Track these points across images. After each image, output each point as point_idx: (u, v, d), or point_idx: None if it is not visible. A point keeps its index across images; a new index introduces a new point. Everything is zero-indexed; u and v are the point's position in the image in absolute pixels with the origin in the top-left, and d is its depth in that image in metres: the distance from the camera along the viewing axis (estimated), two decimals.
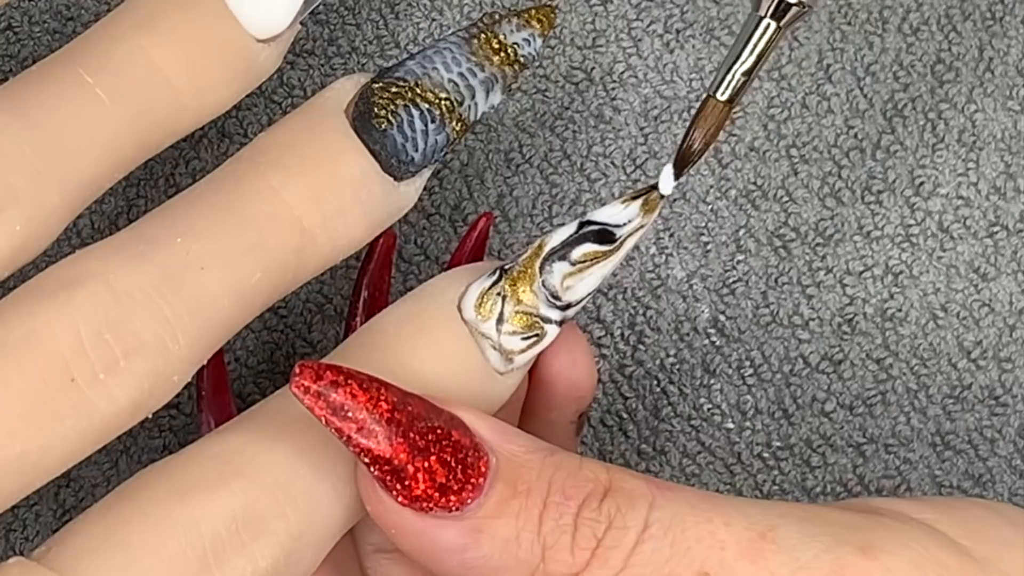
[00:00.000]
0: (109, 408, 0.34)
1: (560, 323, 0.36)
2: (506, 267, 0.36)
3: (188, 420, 0.43)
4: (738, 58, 0.36)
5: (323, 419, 0.32)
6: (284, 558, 0.33)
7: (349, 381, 0.32)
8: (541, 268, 0.36)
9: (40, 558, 0.33)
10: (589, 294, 0.36)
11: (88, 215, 0.43)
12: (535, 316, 0.36)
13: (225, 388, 0.40)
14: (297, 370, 0.32)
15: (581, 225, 0.36)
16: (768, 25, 0.36)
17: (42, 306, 0.34)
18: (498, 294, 0.36)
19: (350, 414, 0.32)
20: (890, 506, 0.35)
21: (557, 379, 0.39)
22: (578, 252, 0.36)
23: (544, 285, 0.36)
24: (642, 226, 0.36)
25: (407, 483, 0.32)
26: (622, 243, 0.36)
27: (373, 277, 0.40)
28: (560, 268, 0.36)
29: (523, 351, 0.36)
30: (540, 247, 0.36)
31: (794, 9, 0.36)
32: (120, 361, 0.34)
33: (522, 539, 0.33)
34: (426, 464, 0.32)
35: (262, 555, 0.33)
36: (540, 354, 0.37)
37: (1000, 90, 0.45)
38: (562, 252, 0.36)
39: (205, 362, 0.35)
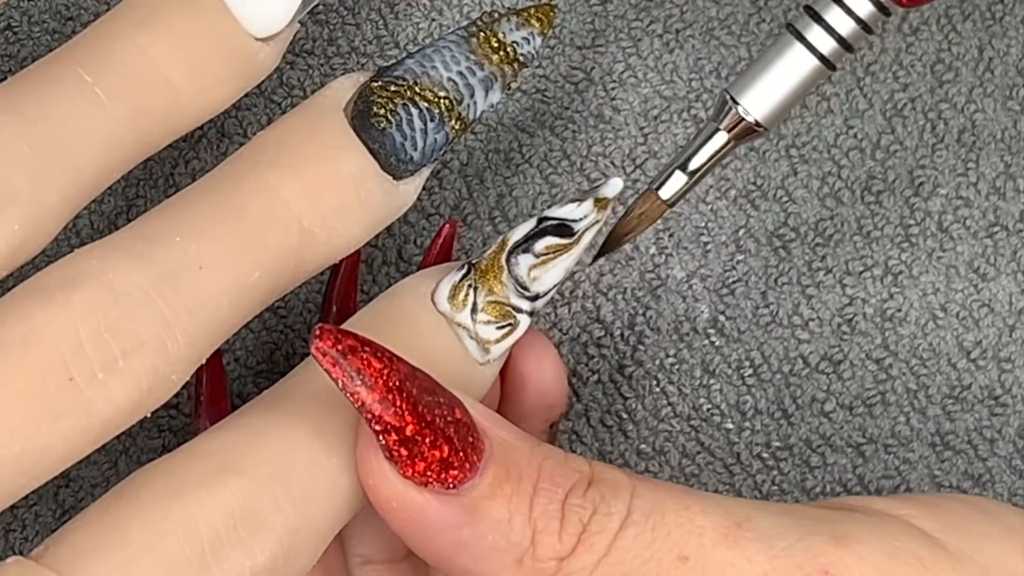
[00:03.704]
0: (108, 407, 0.34)
1: (531, 314, 0.37)
2: (473, 261, 0.37)
3: (187, 420, 0.43)
4: (687, 162, 0.38)
5: (339, 382, 0.32)
6: (283, 553, 0.33)
7: (366, 348, 0.33)
8: (507, 261, 0.37)
9: (39, 558, 0.33)
10: (555, 285, 0.38)
11: (87, 215, 0.43)
12: (507, 305, 0.37)
13: (223, 393, 0.40)
14: (317, 332, 0.32)
15: (539, 221, 0.37)
16: (723, 138, 0.38)
17: (41, 305, 0.34)
18: (469, 285, 0.37)
19: (366, 380, 0.32)
20: (867, 504, 0.35)
21: (526, 387, 0.40)
22: (541, 244, 0.37)
23: (512, 276, 0.37)
24: (597, 221, 0.38)
25: (414, 454, 0.33)
26: (580, 236, 0.38)
27: (340, 292, 0.41)
28: (526, 260, 0.37)
29: (499, 341, 0.37)
30: (504, 242, 0.37)
31: (752, 131, 0.38)
32: (119, 360, 0.34)
33: (514, 522, 0.33)
34: (432, 437, 0.33)
35: (261, 550, 0.33)
36: (509, 363, 0.39)
37: (1000, 90, 0.45)
38: (525, 245, 0.37)
39: (204, 362, 0.35)
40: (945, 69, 0.45)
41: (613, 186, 0.38)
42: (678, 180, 0.38)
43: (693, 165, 0.38)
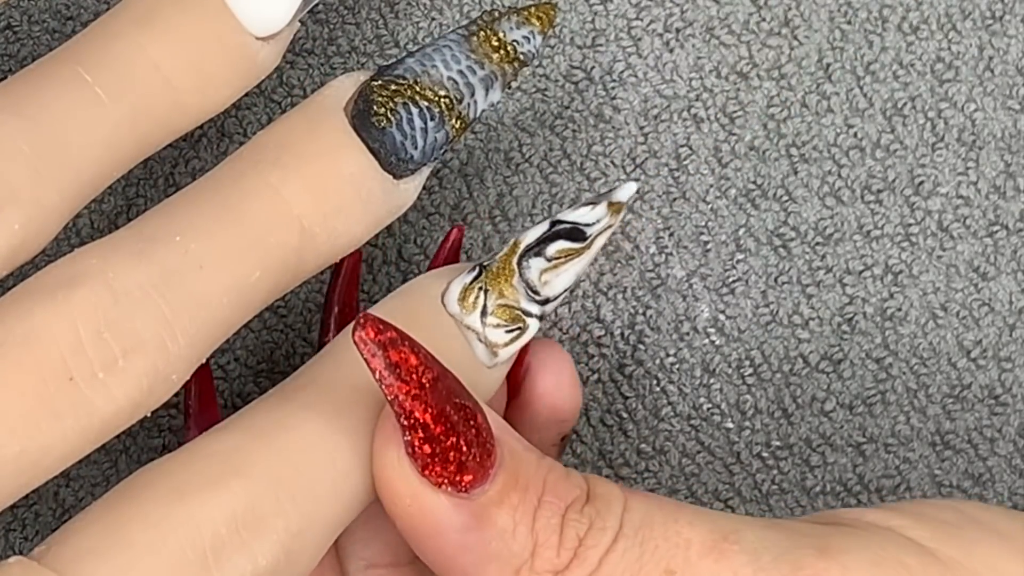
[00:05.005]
0: (108, 407, 0.34)
1: (540, 317, 0.37)
2: (485, 264, 0.37)
3: None
4: None
5: (376, 372, 0.32)
6: (284, 556, 0.33)
7: (405, 342, 0.33)
8: (519, 264, 0.37)
9: (40, 558, 0.33)
10: (566, 290, 0.38)
11: (87, 214, 0.43)
12: (517, 309, 0.37)
13: (212, 401, 0.40)
14: (361, 319, 0.32)
15: (552, 224, 0.38)
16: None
17: (41, 305, 0.34)
18: (480, 288, 0.37)
19: (402, 374, 0.32)
20: (858, 516, 0.36)
21: (540, 401, 0.40)
22: (553, 248, 0.37)
23: (523, 280, 0.37)
24: (610, 225, 0.38)
25: (436, 454, 0.33)
26: (593, 240, 0.38)
27: (342, 292, 0.41)
28: (537, 264, 0.37)
29: (507, 344, 0.37)
30: (516, 245, 0.37)
31: None
32: (119, 360, 0.34)
33: (518, 532, 0.34)
34: (455, 439, 0.33)
35: (262, 553, 0.33)
36: (526, 376, 0.39)
37: (1000, 89, 0.45)
38: (537, 249, 0.37)
39: (203, 361, 0.35)
40: (945, 68, 0.45)
41: (627, 190, 0.38)
42: None
43: None
